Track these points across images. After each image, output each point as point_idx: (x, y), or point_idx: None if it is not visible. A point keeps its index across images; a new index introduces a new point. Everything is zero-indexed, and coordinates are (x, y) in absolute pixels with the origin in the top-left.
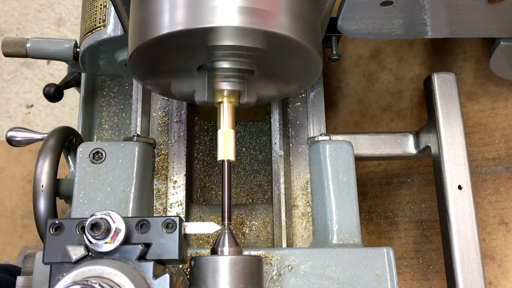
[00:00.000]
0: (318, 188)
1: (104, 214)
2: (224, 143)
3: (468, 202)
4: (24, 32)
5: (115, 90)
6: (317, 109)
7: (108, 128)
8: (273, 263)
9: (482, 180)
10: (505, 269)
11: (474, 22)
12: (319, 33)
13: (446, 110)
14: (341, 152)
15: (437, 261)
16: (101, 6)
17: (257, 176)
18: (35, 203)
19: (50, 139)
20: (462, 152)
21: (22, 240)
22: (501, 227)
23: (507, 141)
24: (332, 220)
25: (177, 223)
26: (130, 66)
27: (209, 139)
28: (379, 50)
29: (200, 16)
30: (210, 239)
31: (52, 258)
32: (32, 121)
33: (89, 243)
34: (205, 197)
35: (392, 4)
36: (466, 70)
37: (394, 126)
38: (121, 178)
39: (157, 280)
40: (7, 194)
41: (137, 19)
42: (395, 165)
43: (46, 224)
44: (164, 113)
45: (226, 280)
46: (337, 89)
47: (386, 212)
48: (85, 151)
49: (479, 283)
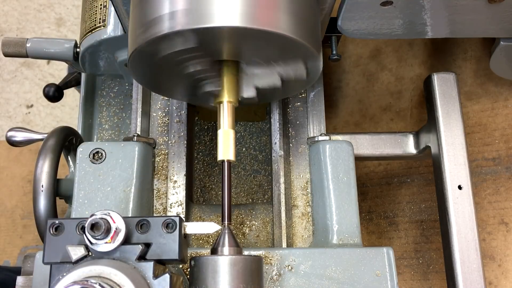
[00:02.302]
0: (318, 188)
1: (104, 214)
2: (224, 143)
3: (468, 202)
4: (24, 32)
5: (115, 90)
6: (317, 109)
7: (108, 128)
8: (273, 263)
9: (482, 180)
10: (505, 269)
11: (474, 22)
12: (319, 33)
13: (446, 110)
14: (341, 152)
15: (437, 261)
16: (101, 6)
17: (257, 176)
18: (35, 203)
19: (50, 139)
20: (462, 152)
21: (22, 240)
22: (501, 227)
23: (507, 141)
24: (332, 220)
25: (177, 223)
26: (130, 66)
27: (209, 139)
28: (379, 50)
29: (200, 16)
30: (210, 239)
31: (52, 258)
32: (32, 121)
33: (89, 243)
34: (205, 197)
35: (392, 4)
36: (466, 70)
37: (394, 126)
38: (121, 178)
39: (157, 280)
40: (7, 194)
41: (137, 19)
42: (395, 165)
43: (46, 224)
44: (164, 113)
45: (226, 280)
46: (337, 89)
47: (386, 212)
48: (85, 151)
49: (479, 283)
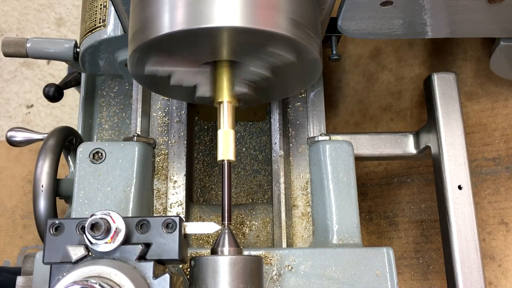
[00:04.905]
0: (318, 188)
1: (104, 214)
2: (224, 143)
3: (468, 202)
4: (24, 32)
5: (115, 90)
6: (317, 109)
7: (108, 128)
8: (273, 263)
9: (482, 180)
10: (505, 269)
11: (474, 22)
12: (319, 33)
13: (446, 110)
14: (341, 152)
15: (437, 261)
16: (101, 6)
17: (257, 176)
18: (35, 203)
19: (50, 139)
20: (462, 152)
21: (22, 240)
22: (501, 227)
23: (507, 141)
24: (332, 220)
25: (177, 223)
26: (130, 66)
27: (209, 139)
28: (379, 50)
29: (200, 16)
30: (210, 239)
31: (52, 258)
32: (32, 121)
33: (89, 243)
34: (205, 197)
35: (392, 4)
36: (466, 70)
37: (394, 126)
38: (121, 178)
39: (157, 280)
40: (7, 194)
41: (137, 19)
42: (395, 165)
43: (46, 224)
44: (164, 113)
45: (226, 280)
46: (337, 89)
47: (386, 212)
48: (85, 151)
49: (479, 283)
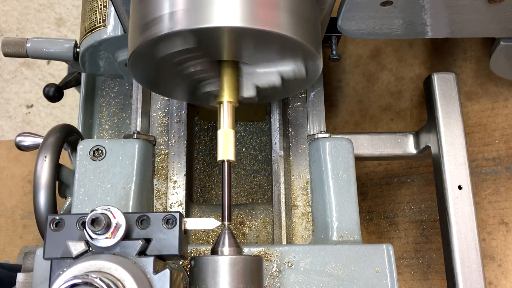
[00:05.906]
0: (318, 185)
1: (104, 209)
2: (224, 143)
3: (468, 202)
4: (24, 32)
5: (115, 90)
6: (317, 109)
7: (108, 128)
8: (273, 259)
9: (482, 180)
10: (505, 269)
11: (474, 22)
12: (319, 33)
13: (446, 110)
14: (341, 149)
15: (437, 261)
16: (101, 6)
17: (257, 176)
18: (35, 199)
19: (51, 136)
20: (462, 152)
21: (22, 240)
22: (501, 227)
23: (507, 141)
24: (332, 217)
25: (177, 219)
26: (130, 66)
27: (209, 139)
28: (379, 50)
29: (200, 16)
30: (210, 238)
31: (53, 254)
32: (32, 121)
33: (89, 238)
34: (205, 197)
35: (392, 4)
36: (466, 70)
37: (394, 126)
38: (121, 175)
39: (157, 275)
40: (7, 194)
41: (137, 19)
42: (395, 165)
43: (47, 220)
44: (164, 113)
45: (226, 280)
46: (337, 89)
47: (386, 212)
48: (85, 148)
49: (479, 283)
